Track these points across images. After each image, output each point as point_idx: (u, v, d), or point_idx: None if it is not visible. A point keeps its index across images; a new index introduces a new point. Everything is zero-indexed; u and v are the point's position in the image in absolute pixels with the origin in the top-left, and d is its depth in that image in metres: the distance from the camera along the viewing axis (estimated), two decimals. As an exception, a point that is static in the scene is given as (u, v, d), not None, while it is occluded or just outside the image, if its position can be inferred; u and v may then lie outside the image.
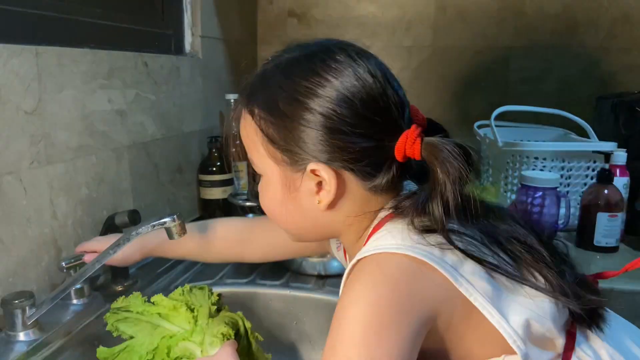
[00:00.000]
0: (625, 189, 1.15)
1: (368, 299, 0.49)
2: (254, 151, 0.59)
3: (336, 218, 0.58)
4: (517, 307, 0.51)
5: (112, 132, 0.97)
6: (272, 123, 0.56)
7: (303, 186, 0.57)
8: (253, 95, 0.58)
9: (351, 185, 0.56)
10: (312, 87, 0.54)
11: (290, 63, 0.57)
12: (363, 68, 0.55)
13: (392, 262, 0.51)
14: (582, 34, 1.58)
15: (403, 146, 0.54)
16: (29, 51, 0.77)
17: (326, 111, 0.53)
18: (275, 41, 1.75)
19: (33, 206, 0.79)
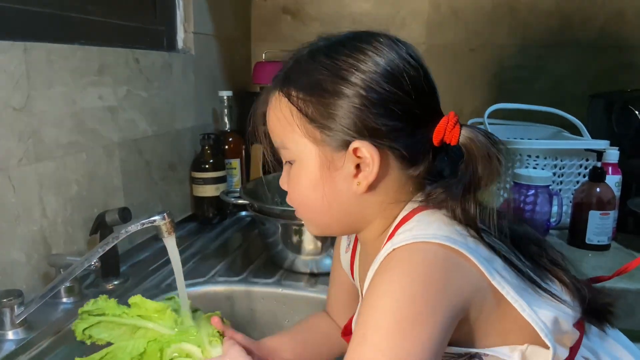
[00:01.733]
0: (618, 187, 1.15)
1: (403, 289, 0.47)
2: (289, 134, 0.57)
3: (369, 204, 0.57)
4: (543, 304, 0.52)
5: (103, 129, 0.96)
6: (312, 102, 0.55)
7: (344, 167, 0.55)
8: (289, 78, 0.57)
9: (391, 166, 0.55)
10: (357, 63, 0.53)
11: (331, 45, 0.56)
12: (405, 51, 0.55)
13: (428, 251, 0.50)
14: (576, 31, 1.58)
15: (443, 129, 0.54)
16: (18, 47, 0.76)
17: (370, 86, 0.53)
18: (269, 38, 1.74)
19: (22, 204, 0.78)
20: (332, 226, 0.61)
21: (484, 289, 0.50)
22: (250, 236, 1.26)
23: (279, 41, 1.72)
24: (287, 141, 0.58)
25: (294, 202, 0.61)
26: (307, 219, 0.62)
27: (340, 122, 0.54)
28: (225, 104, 1.38)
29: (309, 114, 0.55)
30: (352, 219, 0.59)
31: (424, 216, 0.54)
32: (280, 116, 0.57)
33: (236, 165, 1.39)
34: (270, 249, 1.06)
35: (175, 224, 0.73)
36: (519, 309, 0.50)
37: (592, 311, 0.57)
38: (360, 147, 0.53)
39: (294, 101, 0.56)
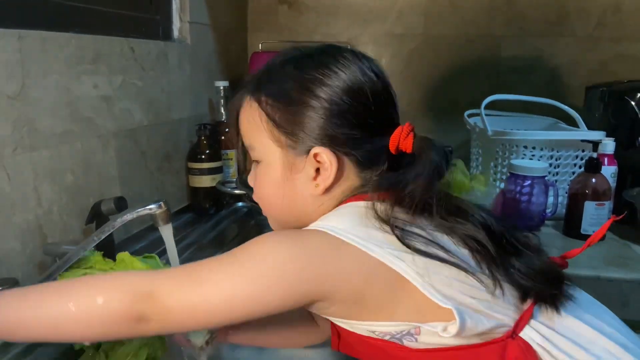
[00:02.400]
0: (613, 178, 1.16)
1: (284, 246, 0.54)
2: (256, 136, 0.62)
3: (325, 204, 0.61)
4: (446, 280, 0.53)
5: (98, 118, 0.96)
6: (279, 109, 0.60)
7: (304, 170, 0.60)
8: (260, 85, 0.62)
9: (347, 171, 0.60)
10: (322, 77, 0.59)
11: (300, 57, 0.62)
12: (367, 67, 0.61)
13: (309, 234, 0.56)
14: (573, 23, 1.58)
15: (397, 138, 0.59)
16: (12, 35, 0.76)
17: (333, 99, 0.58)
18: (265, 28, 1.73)
19: (17, 193, 0.78)
20: (289, 223, 0.66)
21: (381, 272, 0.53)
22: (246, 227, 1.26)
23: (276, 31, 1.72)
24: (254, 142, 0.63)
25: (258, 199, 0.67)
26: (268, 215, 0.68)
27: (303, 129, 0.59)
28: (221, 94, 1.37)
29: (276, 119, 0.60)
30: (307, 218, 0.63)
31: (340, 210, 0.60)
32: (250, 119, 0.63)
33: (232, 155, 1.39)
34: (267, 239, 1.06)
35: (171, 214, 0.73)
36: (412, 281, 0.52)
37: (540, 294, 0.57)
38: (321, 153, 0.59)
39: (263, 106, 0.61)
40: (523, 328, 0.55)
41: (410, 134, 0.59)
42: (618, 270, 0.97)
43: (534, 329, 0.55)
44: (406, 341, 0.55)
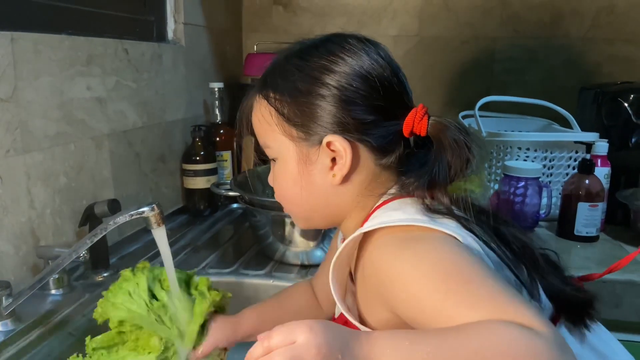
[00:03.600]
0: (607, 179, 1.16)
1: (407, 258, 0.49)
2: (269, 134, 0.61)
3: (345, 195, 0.60)
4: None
5: (92, 120, 0.95)
6: (287, 102, 0.59)
7: (319, 160, 0.59)
8: (267, 81, 0.61)
9: (364, 158, 0.59)
10: (328, 64, 0.57)
11: (305, 48, 0.60)
12: (375, 52, 0.59)
13: (401, 232, 0.52)
14: (567, 24, 1.59)
15: (412, 121, 0.57)
16: (4, 37, 0.76)
17: (341, 85, 0.56)
18: (260, 29, 1.73)
19: (9, 195, 0.77)
20: (314, 218, 0.65)
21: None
22: (241, 228, 1.26)
23: (271, 32, 1.71)
24: (268, 140, 0.62)
25: (280, 198, 0.65)
26: (291, 212, 0.66)
27: (313, 120, 0.58)
28: (216, 95, 1.37)
29: (285, 113, 0.59)
30: (331, 210, 0.62)
31: (392, 204, 0.57)
32: (260, 117, 0.62)
33: (227, 157, 1.38)
34: (261, 241, 1.06)
35: (166, 216, 0.73)
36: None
37: (568, 313, 0.57)
38: (333, 141, 0.57)
39: (271, 102, 0.60)
40: None
41: (424, 117, 0.57)
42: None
43: None
44: None
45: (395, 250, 0.51)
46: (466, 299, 0.44)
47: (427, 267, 0.48)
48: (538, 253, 0.57)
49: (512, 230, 0.58)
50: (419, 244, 0.51)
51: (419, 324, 0.47)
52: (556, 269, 0.60)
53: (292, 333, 0.40)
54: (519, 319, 0.41)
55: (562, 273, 0.61)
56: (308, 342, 0.40)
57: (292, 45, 0.62)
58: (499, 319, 0.42)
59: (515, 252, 0.56)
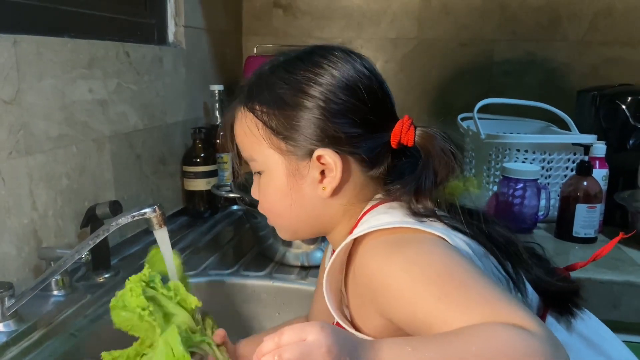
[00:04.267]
0: (605, 181, 1.17)
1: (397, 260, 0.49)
2: (255, 147, 0.60)
3: (334, 207, 0.61)
4: None
5: (93, 122, 0.96)
6: (275, 115, 0.58)
7: (309, 174, 0.59)
8: (252, 93, 0.61)
9: (353, 170, 0.59)
10: (314, 77, 0.57)
11: (290, 60, 0.60)
12: (359, 64, 0.59)
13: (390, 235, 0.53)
14: (565, 27, 1.60)
15: (399, 132, 0.58)
16: (7, 40, 0.76)
17: (328, 98, 0.57)
18: (260, 32, 1.74)
19: (12, 197, 0.78)
20: (301, 230, 0.65)
21: None
22: (241, 230, 1.26)
23: (271, 35, 1.72)
24: (254, 153, 0.61)
25: (265, 211, 0.65)
26: (277, 225, 0.66)
27: (302, 133, 0.57)
28: (216, 98, 1.38)
29: (273, 126, 0.58)
30: (319, 222, 0.62)
31: (379, 208, 0.58)
32: (246, 130, 0.61)
33: (227, 159, 1.39)
34: (262, 242, 1.07)
35: (167, 217, 0.74)
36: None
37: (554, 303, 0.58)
38: (324, 155, 0.57)
39: (258, 115, 0.59)
40: None
41: (411, 127, 0.58)
42: (609, 272, 0.98)
43: None
44: None
45: (386, 255, 0.51)
46: (460, 303, 0.45)
47: (418, 271, 0.48)
48: (522, 248, 0.58)
49: (497, 227, 0.59)
50: (409, 247, 0.51)
51: (413, 329, 0.48)
52: (541, 261, 0.61)
53: (303, 331, 0.41)
54: (513, 320, 0.42)
55: (547, 264, 0.62)
56: (319, 341, 0.40)
57: (276, 56, 0.62)
58: (494, 321, 0.42)
59: (500, 248, 0.57)
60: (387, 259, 0.51)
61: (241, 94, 0.62)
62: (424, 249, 0.50)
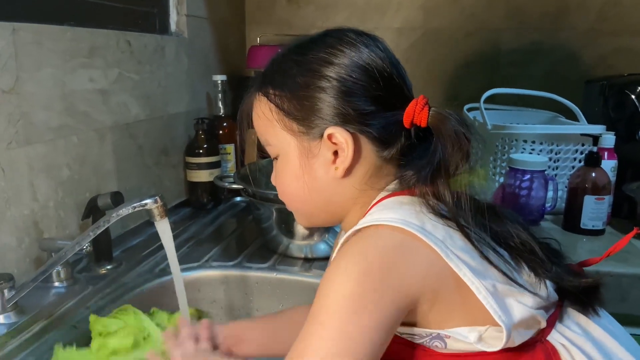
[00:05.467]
0: (613, 172, 1.15)
1: (351, 277, 0.50)
2: (270, 130, 0.61)
3: (348, 189, 0.60)
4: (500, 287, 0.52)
5: (94, 112, 0.95)
6: (287, 97, 0.58)
7: (320, 154, 0.58)
8: (266, 78, 0.61)
9: (365, 150, 0.58)
10: (327, 57, 0.57)
11: (303, 43, 0.60)
12: (373, 45, 0.59)
13: (380, 236, 0.52)
14: (573, 16, 1.57)
15: (412, 111, 0.56)
16: (5, 28, 0.75)
17: (340, 76, 0.56)
18: (263, 21, 1.72)
19: (12, 187, 0.77)
20: (316, 215, 0.64)
21: (442, 272, 0.51)
22: (244, 221, 1.25)
23: (274, 25, 1.70)
24: (269, 137, 0.62)
25: (282, 195, 0.65)
26: (294, 209, 0.66)
27: (313, 112, 0.57)
28: (219, 88, 1.36)
29: (285, 108, 0.59)
30: (333, 206, 0.62)
31: (389, 201, 0.57)
32: (261, 114, 0.61)
33: (230, 150, 1.38)
34: (265, 234, 1.05)
35: (169, 209, 0.73)
36: (474, 290, 0.51)
37: (572, 296, 0.57)
38: (334, 133, 0.57)
39: (271, 98, 0.60)
40: (550, 332, 0.55)
41: (425, 107, 0.56)
42: (617, 264, 0.97)
43: (560, 332, 0.55)
44: (435, 343, 0.54)
45: (343, 253, 0.52)
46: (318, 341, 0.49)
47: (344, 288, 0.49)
48: (538, 246, 0.57)
49: (510, 226, 0.57)
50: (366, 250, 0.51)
51: None
52: (557, 257, 0.60)
53: None
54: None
55: (563, 260, 0.60)
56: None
57: (289, 42, 0.62)
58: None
59: (513, 249, 0.56)
60: (343, 259, 0.52)
61: (256, 81, 0.63)
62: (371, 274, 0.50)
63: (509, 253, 0.56)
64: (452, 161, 0.54)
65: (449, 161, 0.54)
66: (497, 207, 0.60)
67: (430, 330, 0.54)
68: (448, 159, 0.54)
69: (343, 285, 0.49)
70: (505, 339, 0.50)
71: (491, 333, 0.52)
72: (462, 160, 0.54)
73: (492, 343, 0.52)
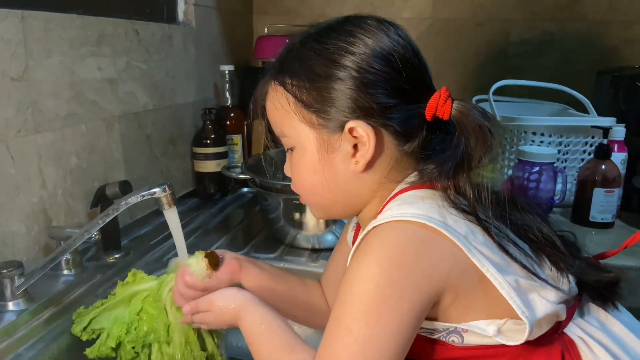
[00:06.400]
0: (623, 165, 1.14)
1: (374, 275, 0.49)
2: (287, 122, 0.59)
3: (367, 183, 0.58)
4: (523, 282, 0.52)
5: (103, 101, 0.95)
6: (306, 88, 0.56)
7: (341, 147, 0.56)
8: (283, 67, 0.59)
9: (386, 143, 0.56)
10: (347, 46, 0.55)
11: (321, 30, 0.58)
12: (394, 32, 0.56)
13: (403, 231, 0.51)
14: (584, 6, 1.55)
15: (435, 104, 0.55)
16: (14, 15, 0.75)
17: (361, 67, 0.54)
18: (271, 11, 1.71)
19: (21, 175, 0.77)
20: (334, 208, 0.63)
21: (464, 267, 0.51)
22: (251, 212, 1.25)
23: (282, 15, 1.69)
24: (285, 129, 0.59)
25: (297, 188, 0.63)
26: (310, 202, 0.64)
27: (334, 105, 0.55)
28: (226, 78, 1.36)
29: (304, 99, 0.56)
30: (352, 199, 0.60)
31: (408, 195, 0.56)
32: (277, 105, 0.59)
33: (238, 140, 1.38)
34: (272, 224, 1.06)
35: (176, 198, 0.73)
36: (497, 286, 0.50)
37: (593, 290, 0.57)
38: (356, 127, 0.55)
39: (288, 88, 0.57)
40: (568, 324, 0.55)
41: (448, 100, 0.54)
42: (626, 257, 0.96)
43: (578, 326, 0.55)
44: (452, 338, 0.54)
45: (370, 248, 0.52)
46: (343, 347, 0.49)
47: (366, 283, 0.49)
48: (559, 240, 0.56)
49: (531, 219, 0.57)
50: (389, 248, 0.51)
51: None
52: (576, 250, 0.59)
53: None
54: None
55: (579, 253, 0.60)
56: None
57: (307, 28, 0.60)
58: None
59: (535, 242, 0.55)
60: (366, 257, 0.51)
61: (272, 69, 0.60)
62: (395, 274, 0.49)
63: (529, 247, 0.55)
64: (475, 155, 0.53)
65: (472, 155, 0.53)
66: (517, 200, 0.59)
67: (449, 325, 0.53)
68: (471, 152, 0.53)
69: (364, 288, 0.49)
70: (527, 333, 0.50)
71: (510, 326, 0.51)
72: (486, 154, 0.53)
73: (512, 336, 0.52)
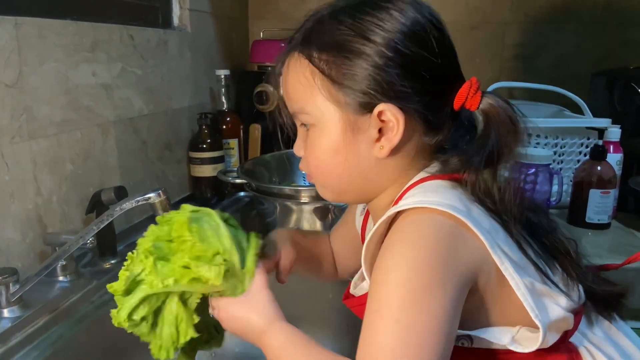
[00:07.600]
0: (619, 166, 1.14)
1: (411, 261, 0.47)
2: (309, 97, 0.55)
3: (387, 169, 0.56)
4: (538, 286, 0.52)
5: (98, 107, 0.95)
6: (335, 63, 0.52)
7: (368, 131, 0.53)
8: (309, 38, 0.54)
9: (413, 131, 0.54)
10: (381, 22, 0.51)
11: (354, 4, 0.54)
12: (427, 12, 0.53)
13: (432, 220, 0.49)
14: (579, 8, 1.56)
15: (466, 94, 0.52)
16: (8, 22, 0.75)
17: (397, 46, 0.51)
18: (267, 16, 1.71)
19: (16, 182, 0.77)
20: (348, 192, 0.60)
21: (487, 263, 0.49)
22: (248, 216, 1.25)
23: (277, 19, 1.70)
24: (306, 104, 0.55)
25: (311, 167, 0.59)
26: (323, 184, 0.60)
27: (364, 84, 0.51)
28: (222, 83, 1.36)
29: (332, 75, 0.52)
30: (369, 185, 0.57)
31: (431, 184, 0.53)
32: (301, 78, 0.55)
33: (234, 145, 1.38)
34: (269, 228, 1.05)
35: (173, 204, 0.72)
36: (514, 286, 0.49)
37: (600, 301, 0.56)
38: (385, 110, 0.52)
39: (315, 62, 0.53)
40: (573, 334, 0.54)
41: (478, 91, 0.52)
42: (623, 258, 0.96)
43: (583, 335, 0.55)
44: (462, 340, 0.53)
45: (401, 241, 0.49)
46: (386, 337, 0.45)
47: (404, 280, 0.46)
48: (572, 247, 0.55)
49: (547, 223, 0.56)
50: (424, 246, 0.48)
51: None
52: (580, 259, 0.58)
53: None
54: None
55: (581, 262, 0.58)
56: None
57: (336, 1, 0.56)
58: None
59: (548, 247, 0.54)
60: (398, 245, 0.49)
61: (294, 41, 0.56)
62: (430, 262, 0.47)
63: (542, 252, 0.54)
64: (505, 149, 0.51)
65: (502, 148, 0.51)
66: (534, 202, 0.58)
67: (462, 331, 0.52)
68: (502, 147, 0.51)
69: (402, 276, 0.46)
70: (541, 338, 0.49)
71: (524, 334, 0.51)
72: (517, 144, 0.52)
73: (526, 344, 0.51)
